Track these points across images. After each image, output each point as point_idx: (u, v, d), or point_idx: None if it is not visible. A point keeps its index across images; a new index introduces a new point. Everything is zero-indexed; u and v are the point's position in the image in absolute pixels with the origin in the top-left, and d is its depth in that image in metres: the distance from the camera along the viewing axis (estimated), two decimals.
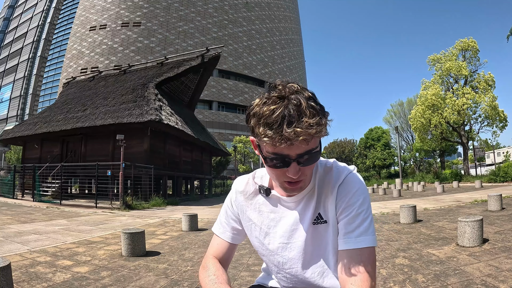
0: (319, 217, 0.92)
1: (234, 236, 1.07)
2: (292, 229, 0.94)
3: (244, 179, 1.06)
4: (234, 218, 1.07)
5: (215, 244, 1.08)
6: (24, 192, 15.61)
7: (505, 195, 9.11)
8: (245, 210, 1.03)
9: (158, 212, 10.91)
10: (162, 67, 19.44)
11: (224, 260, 1.05)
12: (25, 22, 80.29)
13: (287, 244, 0.95)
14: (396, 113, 47.30)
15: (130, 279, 3.21)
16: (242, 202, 1.04)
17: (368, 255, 0.85)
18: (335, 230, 0.91)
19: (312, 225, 0.92)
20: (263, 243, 1.00)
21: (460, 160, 53.23)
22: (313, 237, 0.93)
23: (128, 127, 14.61)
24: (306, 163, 0.80)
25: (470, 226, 3.96)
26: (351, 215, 0.87)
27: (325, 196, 0.92)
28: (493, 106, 24.78)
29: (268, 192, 0.97)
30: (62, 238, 5.45)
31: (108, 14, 62.16)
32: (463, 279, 2.78)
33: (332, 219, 0.91)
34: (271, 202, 0.98)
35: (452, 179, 24.10)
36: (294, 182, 0.83)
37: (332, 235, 0.92)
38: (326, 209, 0.92)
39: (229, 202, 1.08)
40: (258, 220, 1.00)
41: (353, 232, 0.86)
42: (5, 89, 76.76)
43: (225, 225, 1.08)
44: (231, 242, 1.07)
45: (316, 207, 0.92)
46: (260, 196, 1.01)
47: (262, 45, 70.18)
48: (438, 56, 28.43)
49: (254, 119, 0.77)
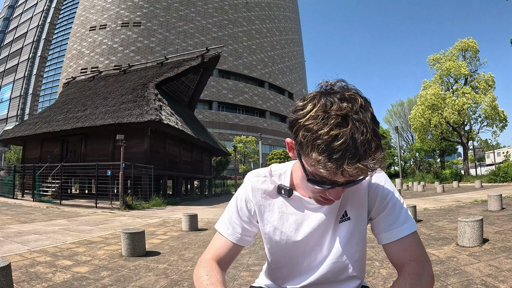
0: (345, 214, 0.90)
1: (244, 238, 0.97)
2: (316, 230, 0.91)
3: (260, 176, 0.96)
4: (247, 219, 0.97)
5: (218, 243, 0.96)
6: (24, 192, 15.60)
7: (505, 195, 9.11)
8: (263, 211, 0.95)
9: (158, 212, 10.91)
10: (162, 67, 19.44)
11: (226, 262, 0.95)
12: (25, 22, 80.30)
13: (309, 244, 0.92)
14: (396, 113, 47.35)
15: (130, 279, 3.21)
16: (260, 201, 0.95)
17: (415, 238, 0.86)
18: (357, 226, 0.91)
19: (338, 224, 0.90)
20: (283, 246, 0.95)
21: (460, 160, 53.27)
22: (338, 236, 0.91)
23: (128, 127, 14.61)
24: (349, 186, 0.74)
25: (470, 226, 3.96)
26: (388, 206, 0.88)
27: (352, 193, 0.89)
28: (493, 106, 24.81)
29: (291, 193, 0.91)
30: (62, 238, 5.45)
31: (108, 14, 62.17)
32: (463, 279, 2.78)
33: (357, 215, 0.90)
34: (292, 203, 0.93)
35: (452, 179, 24.11)
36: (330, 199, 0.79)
37: (355, 232, 0.91)
38: (354, 206, 0.90)
39: (243, 200, 0.97)
40: (279, 223, 0.93)
41: (396, 222, 0.86)
42: (5, 89, 76.77)
43: (235, 225, 0.96)
44: (239, 244, 0.96)
45: (342, 205, 0.90)
46: (280, 197, 0.94)
47: (262, 45, 70.18)
48: (438, 56, 28.46)
49: (306, 134, 0.66)
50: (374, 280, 2.96)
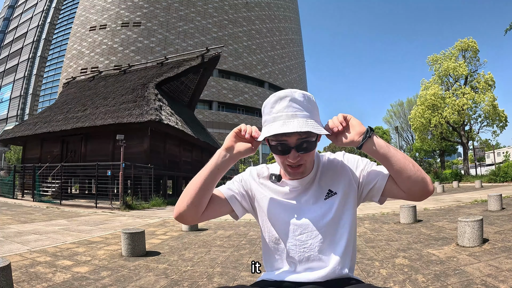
0: (330, 192, 1.05)
1: (234, 198, 1.10)
2: (305, 209, 1.04)
3: (259, 166, 1.16)
4: (244, 192, 1.12)
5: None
6: (24, 192, 15.61)
7: (505, 195, 9.11)
8: (258, 188, 1.11)
9: (158, 212, 10.91)
10: (162, 67, 19.45)
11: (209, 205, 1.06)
12: (25, 22, 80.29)
13: (300, 222, 1.04)
14: (396, 113, 47.33)
15: (130, 279, 3.21)
16: (258, 185, 1.12)
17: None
18: (346, 197, 1.05)
19: (324, 201, 1.04)
20: (278, 226, 1.07)
21: (460, 160, 53.25)
22: (326, 211, 1.03)
23: (128, 127, 14.61)
24: (302, 151, 0.96)
25: (470, 226, 3.96)
26: (371, 165, 1.08)
27: (333, 172, 1.08)
28: (493, 106, 24.79)
29: (279, 179, 1.08)
30: (62, 238, 5.45)
31: (108, 14, 62.15)
32: (463, 279, 2.78)
33: (343, 189, 1.05)
34: (281, 187, 1.08)
35: (452, 179, 24.10)
36: (295, 166, 0.99)
37: (342, 205, 1.04)
38: (336, 182, 1.06)
39: (247, 176, 1.14)
40: (271, 205, 1.08)
41: (378, 167, 1.06)
42: (5, 89, 76.76)
43: (232, 186, 1.13)
44: (228, 200, 1.10)
45: (325, 184, 1.06)
46: (271, 182, 1.10)
47: (262, 45, 70.15)
48: (437, 56, 28.45)
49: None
50: (374, 280, 2.96)
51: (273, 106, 0.96)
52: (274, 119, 0.94)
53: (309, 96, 0.97)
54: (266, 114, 0.98)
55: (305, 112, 0.94)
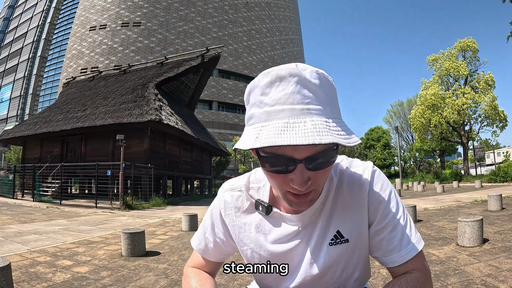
0: (338, 235, 0.72)
1: (217, 256, 0.86)
2: (301, 256, 0.74)
3: (235, 190, 0.81)
4: (223, 236, 0.84)
5: (195, 257, 0.88)
6: (24, 192, 15.60)
7: (505, 195, 9.11)
8: (238, 232, 0.80)
9: (158, 212, 10.91)
10: (162, 67, 19.45)
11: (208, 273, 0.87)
12: (25, 22, 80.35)
13: (296, 273, 0.75)
14: (396, 113, 47.35)
15: (130, 279, 3.21)
16: (234, 221, 0.80)
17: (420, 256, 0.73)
18: (361, 248, 0.75)
19: (329, 246, 0.72)
20: (260, 280, 0.82)
21: (460, 160, 53.30)
22: (330, 261, 0.73)
23: (128, 127, 14.61)
24: (315, 168, 0.58)
25: (470, 226, 3.96)
26: (392, 224, 0.71)
27: (347, 207, 0.73)
28: (493, 106, 24.79)
29: (269, 210, 0.74)
30: (62, 238, 5.45)
31: (108, 14, 62.19)
32: (463, 279, 2.78)
33: (358, 235, 0.73)
34: (271, 221, 0.76)
35: (452, 179, 24.11)
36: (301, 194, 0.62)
37: (356, 255, 0.75)
38: (350, 224, 0.72)
39: (218, 215, 0.84)
40: (256, 245, 0.77)
41: (400, 243, 0.71)
42: (5, 89, 76.82)
43: (208, 242, 0.85)
44: (213, 261, 0.86)
45: (334, 223, 0.73)
46: (257, 213, 0.78)
47: (262, 45, 70.20)
48: (437, 56, 28.46)
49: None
50: (374, 280, 2.96)
51: (266, 91, 0.57)
52: (269, 115, 0.56)
53: (326, 76, 0.59)
54: (254, 105, 0.59)
55: (321, 106, 0.56)
